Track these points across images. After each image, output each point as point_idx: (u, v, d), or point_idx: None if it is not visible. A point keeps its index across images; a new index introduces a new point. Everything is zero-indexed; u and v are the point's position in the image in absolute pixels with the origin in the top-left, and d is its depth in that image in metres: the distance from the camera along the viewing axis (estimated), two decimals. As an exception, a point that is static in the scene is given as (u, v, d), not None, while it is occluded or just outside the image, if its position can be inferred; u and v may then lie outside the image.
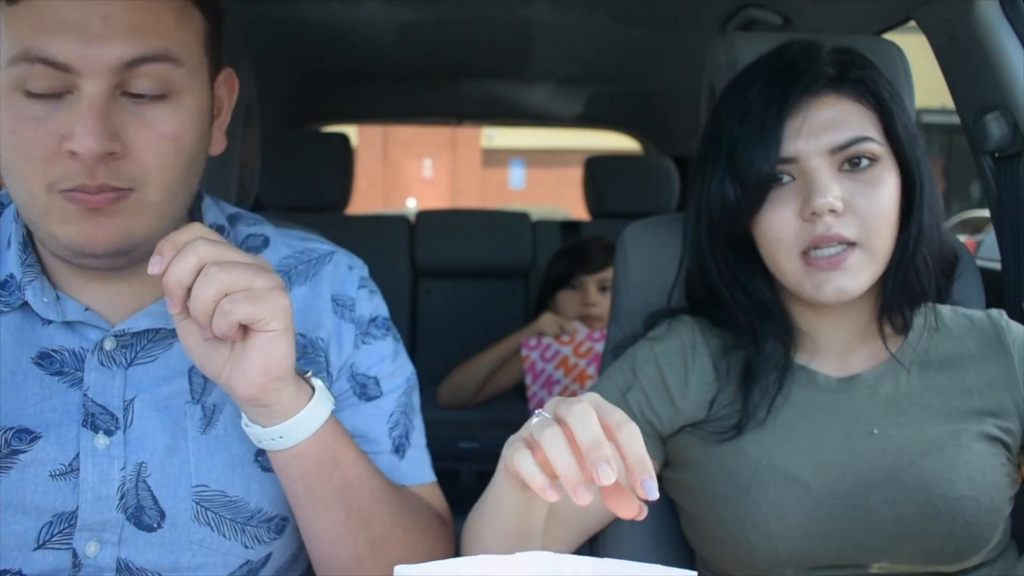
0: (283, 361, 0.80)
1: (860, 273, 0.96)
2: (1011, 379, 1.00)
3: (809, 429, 1.00)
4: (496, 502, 0.83)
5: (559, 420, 0.69)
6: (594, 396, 0.72)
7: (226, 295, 0.76)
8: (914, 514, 0.94)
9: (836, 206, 0.94)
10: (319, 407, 0.84)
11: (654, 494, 0.67)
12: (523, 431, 0.73)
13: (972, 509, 0.93)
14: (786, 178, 0.97)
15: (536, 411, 0.73)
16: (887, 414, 1.00)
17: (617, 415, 0.70)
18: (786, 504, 0.96)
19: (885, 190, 0.96)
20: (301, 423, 0.82)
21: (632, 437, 0.68)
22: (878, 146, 0.96)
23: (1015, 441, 0.99)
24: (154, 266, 0.75)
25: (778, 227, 0.98)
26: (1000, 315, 1.05)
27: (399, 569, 0.63)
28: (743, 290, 1.05)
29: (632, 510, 0.69)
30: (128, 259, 0.85)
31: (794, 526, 0.95)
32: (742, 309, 1.04)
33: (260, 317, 0.77)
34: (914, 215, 0.98)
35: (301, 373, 0.85)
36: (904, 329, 1.03)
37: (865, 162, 0.96)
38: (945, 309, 1.06)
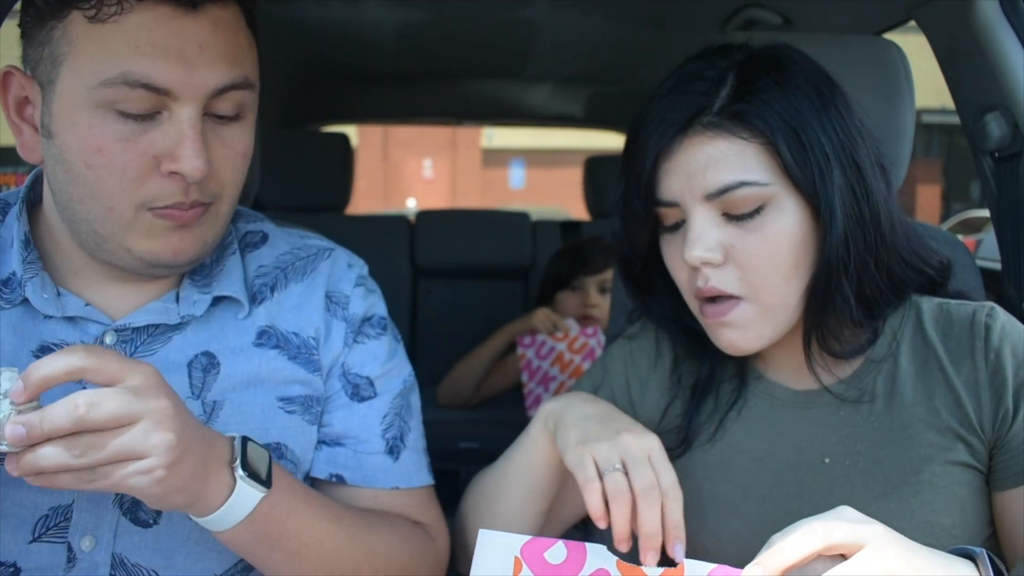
0: (173, 498, 0.74)
1: (751, 328, 0.89)
2: (976, 394, 0.88)
3: (758, 451, 0.95)
4: (528, 461, 0.96)
5: (631, 486, 0.83)
6: (657, 453, 0.86)
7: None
8: None
9: (708, 258, 0.87)
10: (240, 503, 0.79)
11: (680, 557, 0.81)
12: (592, 457, 0.86)
13: None
14: (681, 222, 0.90)
15: (611, 464, 0.85)
16: (842, 440, 0.92)
17: (668, 478, 0.84)
18: (723, 535, 0.94)
19: (774, 235, 0.86)
20: (221, 517, 0.78)
21: (675, 503, 0.83)
22: (762, 188, 0.85)
23: (985, 467, 0.88)
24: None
25: (674, 270, 0.93)
26: (989, 314, 0.91)
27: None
28: (676, 320, 1.00)
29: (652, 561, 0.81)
30: (194, 265, 0.90)
31: (733, 556, 0.91)
32: (679, 335, 1.01)
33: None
34: (821, 254, 0.87)
35: (230, 461, 0.79)
36: (869, 343, 0.93)
37: (746, 209, 0.86)
38: (929, 306, 0.95)
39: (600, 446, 0.86)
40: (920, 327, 0.94)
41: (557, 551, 0.75)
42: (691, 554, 0.96)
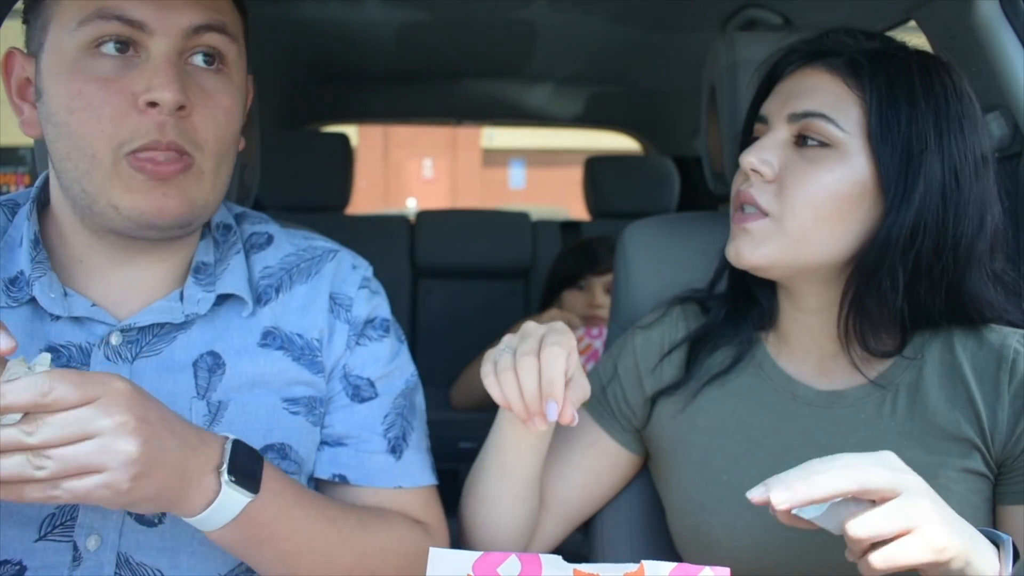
0: (144, 506, 0.73)
1: (761, 244, 0.91)
2: (994, 411, 0.89)
3: (778, 447, 0.96)
4: (497, 439, 0.97)
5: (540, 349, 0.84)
6: (555, 314, 0.86)
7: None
8: None
9: (758, 167, 0.90)
10: (223, 507, 0.78)
11: (552, 416, 0.82)
12: (505, 349, 0.87)
13: None
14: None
15: (503, 348, 0.87)
16: (861, 441, 0.93)
17: (552, 337, 0.84)
18: (738, 527, 0.94)
19: (824, 176, 0.88)
20: (206, 520, 0.78)
21: (551, 359, 0.82)
22: (837, 130, 0.88)
23: (994, 478, 0.91)
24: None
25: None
26: (1020, 341, 0.91)
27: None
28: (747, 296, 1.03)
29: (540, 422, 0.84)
30: (186, 231, 0.88)
31: (746, 548, 0.93)
32: (732, 289, 1.04)
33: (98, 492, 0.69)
34: (881, 226, 0.88)
35: (217, 465, 0.78)
36: (896, 349, 0.94)
37: (813, 141, 0.89)
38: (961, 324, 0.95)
39: (502, 343, 0.88)
40: (949, 340, 0.94)
41: (511, 565, 0.72)
42: (704, 545, 0.96)
